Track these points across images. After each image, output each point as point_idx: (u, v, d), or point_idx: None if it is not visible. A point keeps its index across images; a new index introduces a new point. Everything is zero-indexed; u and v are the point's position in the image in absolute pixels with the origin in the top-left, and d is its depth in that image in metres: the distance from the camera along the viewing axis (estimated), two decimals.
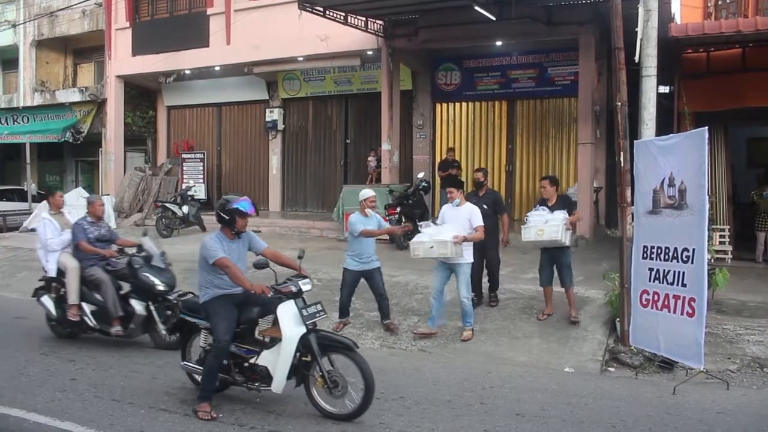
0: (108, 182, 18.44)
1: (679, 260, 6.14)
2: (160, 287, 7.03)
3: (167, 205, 14.63)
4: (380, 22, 12.99)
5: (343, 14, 12.22)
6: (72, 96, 19.20)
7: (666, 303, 6.20)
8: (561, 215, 7.55)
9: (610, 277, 8.00)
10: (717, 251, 9.93)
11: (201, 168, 17.51)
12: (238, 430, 4.96)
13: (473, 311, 7.49)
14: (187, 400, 5.54)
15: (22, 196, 18.48)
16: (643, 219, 6.71)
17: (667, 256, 6.27)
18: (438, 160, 15.12)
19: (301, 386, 5.25)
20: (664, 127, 8.97)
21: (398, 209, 11.71)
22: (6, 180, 22.06)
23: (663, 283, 6.31)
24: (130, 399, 5.57)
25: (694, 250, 5.96)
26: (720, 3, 11.87)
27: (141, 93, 18.82)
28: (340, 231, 13.09)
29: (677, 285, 6.16)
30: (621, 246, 7.16)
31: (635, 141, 7.11)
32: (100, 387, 5.88)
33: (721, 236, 10.47)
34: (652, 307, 6.45)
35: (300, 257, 6.92)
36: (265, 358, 5.24)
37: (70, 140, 19.08)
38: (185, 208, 14.38)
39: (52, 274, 7.51)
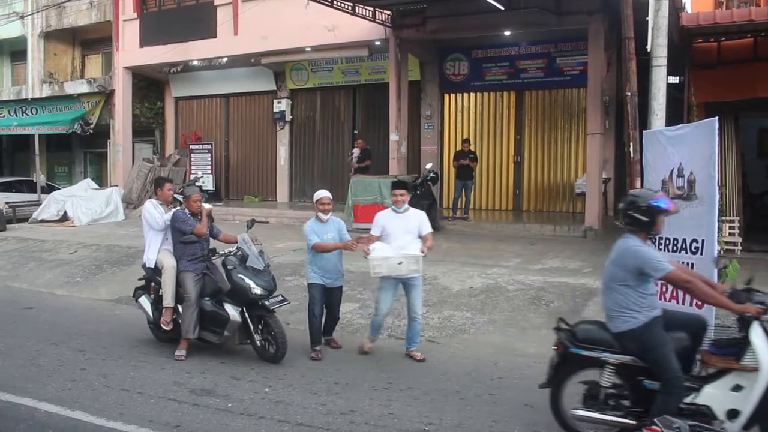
0: (116, 173, 18.52)
1: (688, 251, 6.11)
2: (256, 291, 6.28)
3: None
4: (388, 12, 12.93)
5: (351, 4, 12.18)
6: (80, 87, 19.26)
7: (675, 294, 6.17)
8: None
9: None
10: (726, 242, 9.88)
11: (209, 159, 17.55)
12: (247, 419, 4.98)
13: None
14: (196, 390, 5.58)
15: (31, 187, 18.59)
16: None
17: (675, 248, 6.24)
18: (446, 150, 15.11)
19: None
20: (673, 117, 8.92)
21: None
22: (15, 171, 22.21)
23: None
24: (140, 389, 5.60)
25: (703, 241, 5.94)
26: None
27: (149, 84, 18.87)
28: (348, 222, 13.08)
29: None
30: None
31: (644, 131, 7.09)
32: (109, 377, 5.93)
33: (731, 227, 10.41)
34: (660, 299, 6.42)
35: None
36: (708, 396, 4.10)
37: (79, 132, 19.14)
38: None
39: (151, 264, 6.86)
